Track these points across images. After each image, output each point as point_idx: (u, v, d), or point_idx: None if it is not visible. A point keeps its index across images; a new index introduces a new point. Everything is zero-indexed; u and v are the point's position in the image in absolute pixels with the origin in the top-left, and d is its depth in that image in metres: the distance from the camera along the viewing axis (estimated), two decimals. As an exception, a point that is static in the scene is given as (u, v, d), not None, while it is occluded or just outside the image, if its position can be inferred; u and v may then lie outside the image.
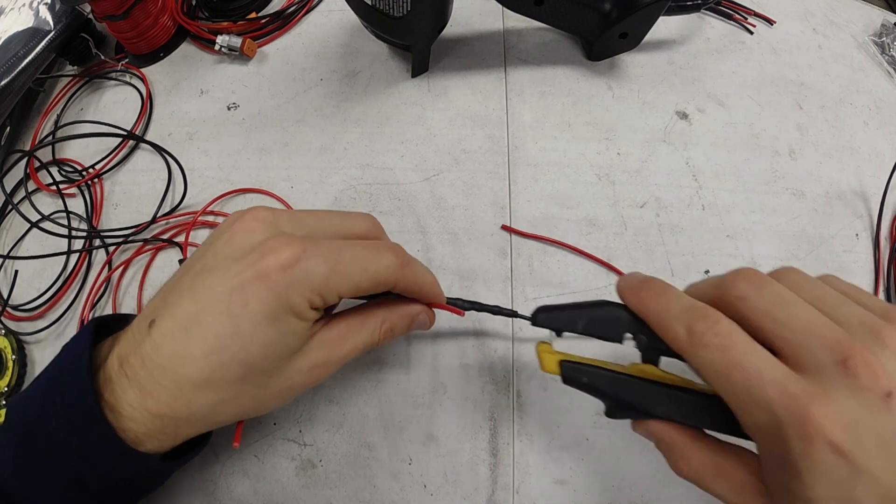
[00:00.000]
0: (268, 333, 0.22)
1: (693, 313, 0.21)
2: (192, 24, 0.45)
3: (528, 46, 0.44)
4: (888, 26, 0.46)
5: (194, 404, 0.22)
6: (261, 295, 0.21)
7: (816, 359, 0.19)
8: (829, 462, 0.18)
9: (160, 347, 0.22)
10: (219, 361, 0.21)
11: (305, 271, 0.22)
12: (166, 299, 0.23)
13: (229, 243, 0.23)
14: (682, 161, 0.39)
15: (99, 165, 0.42)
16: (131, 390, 0.22)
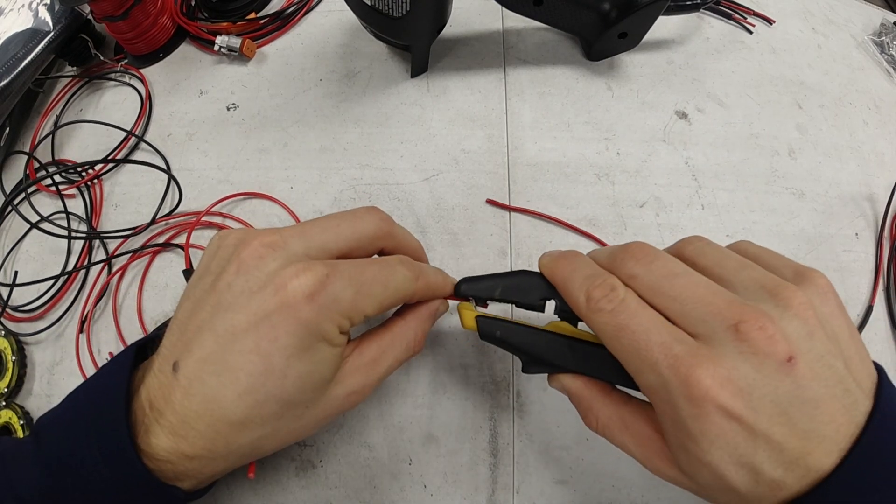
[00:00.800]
0: (301, 366, 0.21)
1: (592, 281, 0.22)
2: (191, 25, 0.45)
3: (528, 46, 0.44)
4: (887, 25, 0.46)
5: (233, 444, 0.21)
6: (289, 327, 0.20)
7: (707, 327, 0.19)
8: (723, 426, 0.18)
9: (191, 394, 0.21)
10: (254, 401, 0.21)
11: (332, 296, 0.21)
12: (185, 338, 0.22)
13: (242, 275, 0.21)
14: (682, 161, 0.39)
15: (98, 166, 0.42)
16: (164, 436, 0.21)
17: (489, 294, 0.26)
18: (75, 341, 0.36)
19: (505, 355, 0.33)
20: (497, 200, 0.37)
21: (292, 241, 0.22)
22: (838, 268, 0.36)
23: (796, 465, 0.18)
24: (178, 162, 0.41)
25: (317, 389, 0.22)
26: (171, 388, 0.21)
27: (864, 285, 0.36)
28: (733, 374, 0.18)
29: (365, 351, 0.24)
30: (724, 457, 0.18)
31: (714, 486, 0.19)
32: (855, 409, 0.18)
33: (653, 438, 0.22)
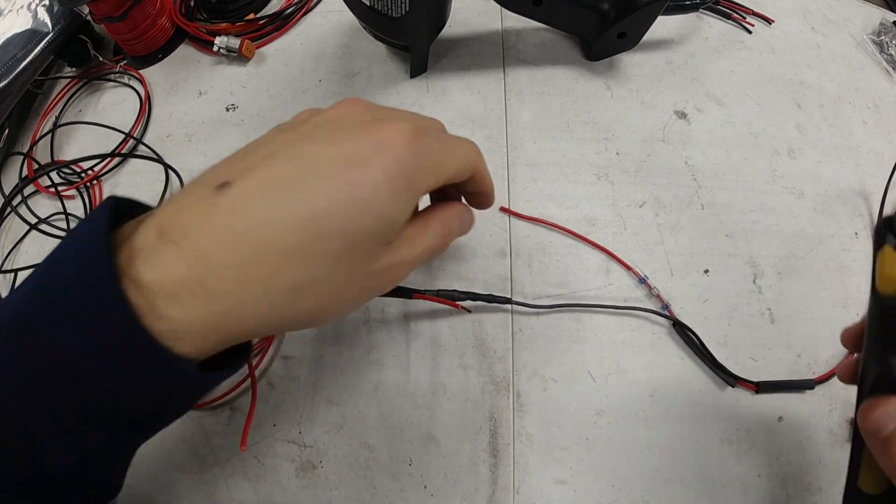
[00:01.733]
0: (385, 207, 0.19)
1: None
2: (190, 26, 0.45)
3: (527, 46, 0.44)
4: (887, 25, 0.46)
5: (272, 284, 0.18)
6: (386, 164, 0.19)
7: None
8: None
9: (240, 210, 0.17)
10: (320, 229, 0.18)
11: (426, 148, 0.20)
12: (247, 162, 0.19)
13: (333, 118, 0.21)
14: (681, 160, 0.39)
15: (98, 167, 0.42)
16: (179, 263, 0.17)
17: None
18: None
19: (505, 356, 0.33)
20: (510, 209, 0.37)
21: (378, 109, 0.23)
22: (838, 267, 0.36)
23: None
24: (178, 163, 0.41)
25: (383, 242, 0.20)
26: (209, 207, 0.18)
27: (864, 285, 0.36)
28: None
29: (405, 227, 0.22)
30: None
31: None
32: None
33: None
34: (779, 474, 0.31)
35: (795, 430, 0.31)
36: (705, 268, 0.36)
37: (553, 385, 0.33)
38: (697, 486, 0.30)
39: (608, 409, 0.32)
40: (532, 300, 0.34)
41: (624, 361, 0.33)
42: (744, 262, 0.36)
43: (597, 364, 0.33)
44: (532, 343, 0.34)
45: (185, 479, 0.31)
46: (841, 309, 0.35)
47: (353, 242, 0.19)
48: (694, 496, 0.30)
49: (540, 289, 0.35)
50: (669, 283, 0.35)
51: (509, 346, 0.34)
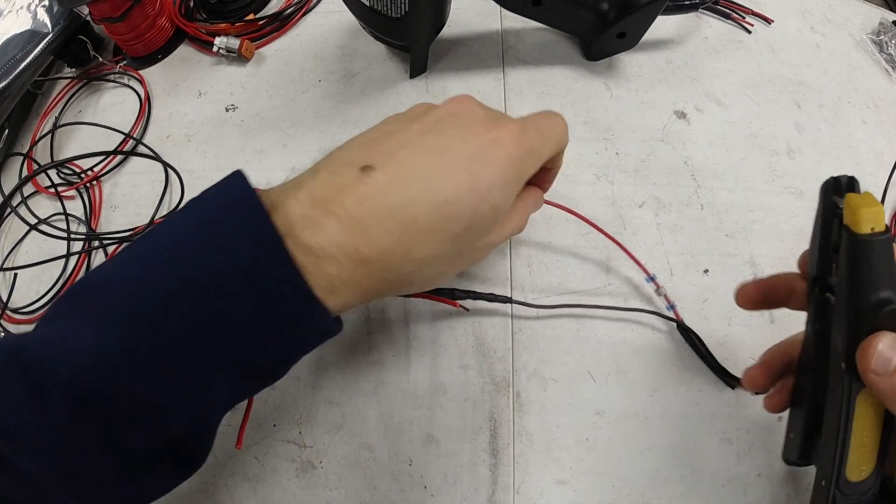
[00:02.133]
0: (499, 198, 0.23)
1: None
2: (189, 26, 0.45)
3: (527, 47, 0.44)
4: (886, 24, 0.46)
5: (411, 253, 0.21)
6: (500, 161, 0.23)
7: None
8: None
9: (390, 191, 0.21)
10: (449, 212, 0.22)
11: (530, 143, 0.24)
12: (383, 148, 0.22)
13: (453, 115, 0.24)
14: (681, 160, 0.39)
15: (98, 168, 0.42)
16: (337, 230, 0.20)
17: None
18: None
19: (505, 356, 0.33)
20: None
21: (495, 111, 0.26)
22: (837, 267, 0.36)
23: None
24: (177, 163, 0.41)
25: (492, 225, 0.24)
26: (359, 185, 0.21)
27: (863, 284, 0.36)
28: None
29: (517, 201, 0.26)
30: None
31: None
32: None
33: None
34: (779, 474, 0.31)
35: (795, 430, 0.31)
36: (705, 267, 0.36)
37: (553, 385, 0.33)
38: (697, 485, 0.30)
39: (608, 409, 0.32)
40: (532, 299, 0.34)
41: (624, 361, 0.33)
42: (743, 261, 0.36)
43: (597, 364, 0.33)
44: (532, 343, 0.34)
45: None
46: (841, 308, 0.35)
47: (471, 226, 0.22)
48: (694, 496, 0.30)
49: (540, 288, 0.35)
50: (669, 283, 0.35)
51: (509, 345, 0.34)
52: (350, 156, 0.22)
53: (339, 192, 0.20)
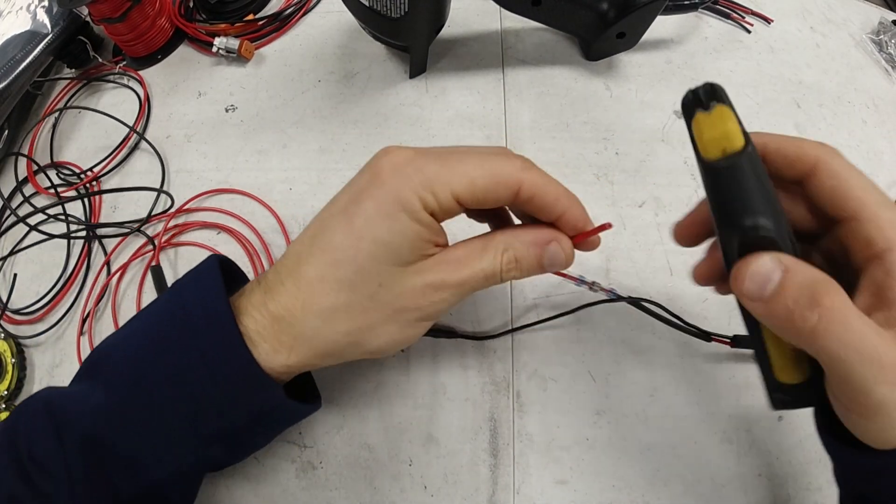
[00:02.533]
0: (378, 230, 0.21)
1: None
2: (189, 27, 0.45)
3: (526, 47, 0.44)
4: (886, 24, 0.46)
5: (307, 307, 0.22)
6: (373, 193, 0.22)
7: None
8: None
9: (290, 254, 0.24)
10: (332, 259, 0.22)
11: (416, 167, 0.22)
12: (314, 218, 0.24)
13: (361, 167, 0.24)
14: (681, 160, 0.39)
15: (97, 168, 0.42)
16: (258, 293, 0.23)
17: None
18: (76, 343, 0.36)
19: (505, 356, 0.33)
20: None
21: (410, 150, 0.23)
22: (837, 267, 0.36)
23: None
24: (177, 163, 0.41)
25: (391, 263, 0.22)
26: (282, 257, 0.24)
27: (863, 284, 0.36)
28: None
29: (452, 252, 0.23)
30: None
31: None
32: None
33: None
34: (779, 473, 0.31)
35: (795, 429, 0.31)
36: (705, 267, 0.36)
37: (553, 385, 0.33)
38: (697, 485, 0.30)
39: (608, 409, 0.32)
40: (531, 298, 0.34)
41: (624, 361, 0.33)
42: (743, 261, 0.36)
43: (597, 364, 0.33)
44: (532, 343, 0.34)
45: (186, 480, 0.31)
46: (841, 308, 0.35)
47: (360, 269, 0.22)
48: (694, 496, 0.30)
49: (539, 289, 0.35)
50: (669, 283, 0.35)
51: (509, 345, 0.34)
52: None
53: (274, 265, 0.24)
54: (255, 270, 0.37)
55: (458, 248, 0.24)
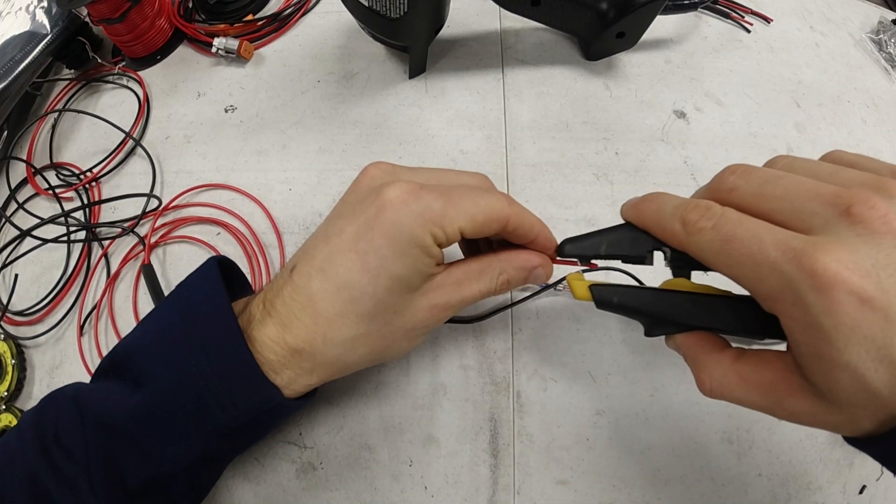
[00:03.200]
0: (394, 267, 0.23)
1: (685, 206, 0.21)
2: (188, 27, 0.45)
3: (526, 47, 0.44)
4: (885, 23, 0.46)
5: (329, 339, 0.24)
6: (385, 229, 0.23)
7: (819, 217, 0.18)
8: (856, 316, 0.16)
9: (300, 288, 0.24)
10: (350, 296, 0.23)
11: (424, 204, 0.23)
12: (305, 248, 0.25)
13: (354, 191, 0.25)
14: (681, 160, 0.39)
15: (96, 168, 0.42)
16: (273, 326, 0.24)
17: (595, 251, 0.25)
18: (77, 344, 0.36)
19: (505, 356, 0.33)
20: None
21: (401, 171, 0.26)
22: (837, 266, 0.36)
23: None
24: (177, 164, 0.41)
25: (405, 293, 0.24)
26: (285, 286, 0.24)
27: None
28: (857, 257, 0.17)
29: (452, 273, 0.25)
30: (862, 353, 0.17)
31: (854, 393, 0.17)
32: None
33: (776, 379, 0.20)
34: (779, 473, 0.31)
35: (795, 429, 0.31)
36: (705, 267, 0.36)
37: (553, 385, 0.33)
38: (698, 485, 0.30)
39: (608, 409, 0.32)
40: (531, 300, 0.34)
41: (624, 361, 0.33)
42: (743, 261, 0.36)
43: (597, 364, 0.33)
44: (532, 343, 0.34)
45: (186, 481, 0.31)
46: (840, 308, 0.35)
47: (379, 301, 0.23)
48: (694, 495, 0.30)
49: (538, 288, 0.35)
50: (669, 283, 0.35)
51: (509, 345, 0.34)
52: (295, 257, 0.26)
53: (276, 294, 0.25)
54: (252, 268, 0.36)
55: (457, 270, 0.26)
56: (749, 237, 0.19)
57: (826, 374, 0.18)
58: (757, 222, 0.19)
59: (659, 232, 0.23)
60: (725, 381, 0.22)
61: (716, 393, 0.22)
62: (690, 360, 0.23)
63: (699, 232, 0.20)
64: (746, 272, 0.19)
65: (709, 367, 0.22)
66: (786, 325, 0.19)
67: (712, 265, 0.21)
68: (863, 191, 0.18)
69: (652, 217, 0.23)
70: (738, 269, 0.19)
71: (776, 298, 0.18)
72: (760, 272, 0.18)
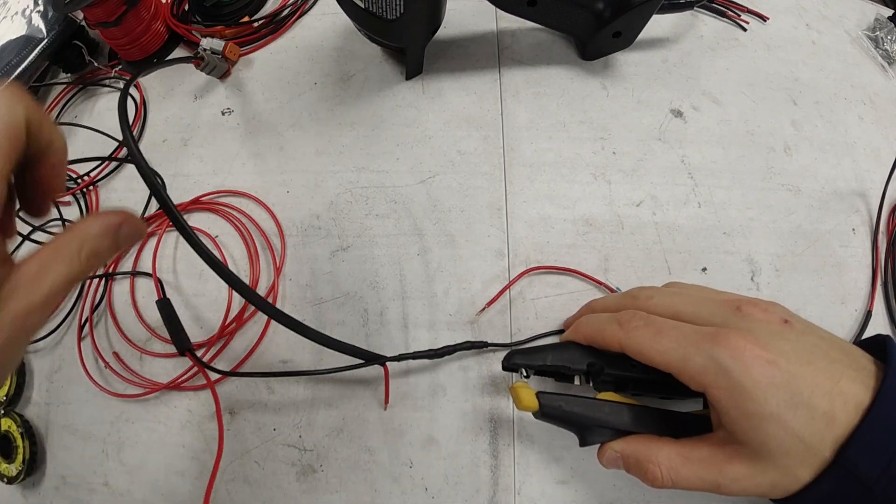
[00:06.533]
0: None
1: (619, 315, 0.27)
2: (180, 27, 0.45)
3: (522, 47, 0.44)
4: (881, 20, 0.46)
5: None
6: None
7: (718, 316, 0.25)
8: (766, 372, 0.21)
9: None
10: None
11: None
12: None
13: None
14: (678, 159, 0.39)
15: (94, 173, 0.42)
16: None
17: (541, 362, 0.28)
18: (76, 348, 0.36)
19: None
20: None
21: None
22: (836, 263, 0.36)
23: (833, 393, 0.21)
24: (174, 167, 0.41)
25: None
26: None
27: (861, 281, 0.36)
28: (754, 336, 0.22)
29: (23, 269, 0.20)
30: (780, 401, 0.21)
31: (782, 440, 0.21)
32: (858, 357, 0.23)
33: (712, 452, 0.24)
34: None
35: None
36: (703, 266, 0.36)
37: (553, 385, 0.33)
38: (698, 484, 0.30)
39: (608, 408, 0.32)
40: (531, 298, 0.34)
41: (623, 361, 0.33)
42: (741, 259, 0.36)
43: (596, 364, 0.33)
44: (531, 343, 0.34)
45: (186, 485, 0.31)
46: (839, 305, 0.35)
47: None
48: (695, 495, 0.30)
49: (538, 289, 0.35)
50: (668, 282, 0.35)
51: (509, 346, 0.34)
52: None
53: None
54: (252, 266, 0.36)
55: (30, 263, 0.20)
56: (674, 329, 0.24)
57: (756, 429, 0.21)
58: (676, 322, 0.25)
59: (600, 338, 0.27)
60: (673, 463, 0.24)
61: (666, 479, 0.24)
62: (633, 461, 0.25)
63: (634, 330, 0.25)
64: (675, 356, 0.24)
65: (655, 455, 0.24)
66: (712, 395, 0.23)
67: (646, 356, 0.25)
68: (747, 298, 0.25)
69: (593, 329, 0.28)
70: (669, 356, 0.24)
71: (702, 373, 0.23)
72: (687, 353, 0.23)
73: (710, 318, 0.25)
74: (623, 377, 0.27)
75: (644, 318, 0.25)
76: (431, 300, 0.35)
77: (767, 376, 0.21)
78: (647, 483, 0.24)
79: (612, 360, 0.27)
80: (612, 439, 0.26)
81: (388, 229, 0.37)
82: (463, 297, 0.35)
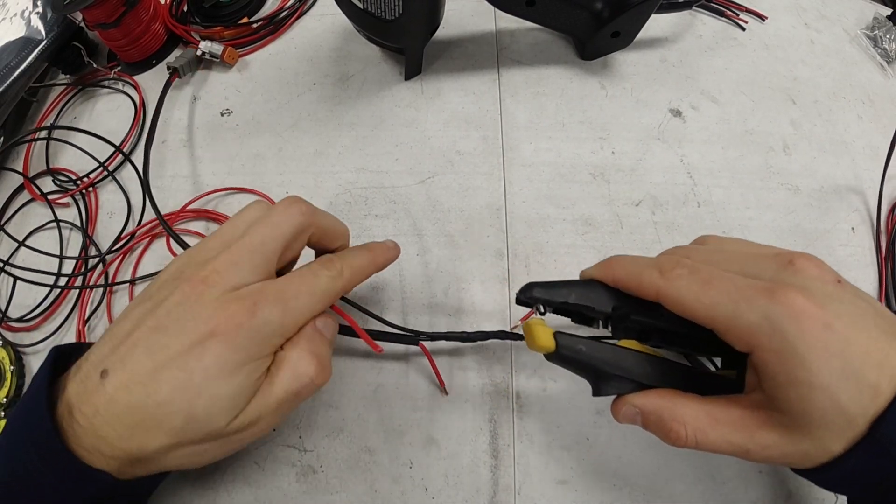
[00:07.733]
0: (217, 387, 0.22)
1: (660, 259, 0.24)
2: (178, 27, 0.45)
3: (521, 47, 0.44)
4: (880, 19, 0.46)
5: (148, 447, 0.22)
6: (216, 349, 0.22)
7: (770, 270, 0.22)
8: (822, 338, 0.19)
9: (117, 401, 0.22)
10: (168, 411, 0.22)
11: (262, 320, 0.23)
12: (119, 351, 0.23)
13: (180, 305, 0.23)
14: (677, 158, 0.39)
15: (93, 174, 0.42)
16: (83, 434, 0.22)
17: (563, 299, 0.25)
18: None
19: (504, 356, 0.33)
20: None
21: (226, 274, 0.23)
22: (835, 263, 0.36)
23: (883, 365, 0.19)
24: (173, 168, 0.41)
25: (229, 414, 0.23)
26: (96, 393, 0.22)
27: (861, 279, 0.36)
28: (811, 293, 0.20)
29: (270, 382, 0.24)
30: (834, 372, 0.19)
31: (826, 412, 0.19)
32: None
33: (744, 415, 0.22)
34: (780, 471, 0.31)
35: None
36: (703, 265, 0.36)
37: (553, 385, 0.33)
38: (698, 483, 0.30)
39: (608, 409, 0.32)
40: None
41: (623, 360, 0.33)
42: (741, 258, 0.36)
43: (596, 363, 0.33)
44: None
45: (186, 485, 0.31)
46: (838, 304, 0.35)
47: (192, 418, 0.22)
48: (695, 494, 0.30)
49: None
50: (667, 282, 0.35)
51: (508, 346, 0.34)
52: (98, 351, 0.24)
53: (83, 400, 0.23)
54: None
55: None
56: (724, 279, 0.21)
57: (802, 398, 0.20)
58: (726, 272, 0.22)
59: (634, 282, 0.24)
60: (700, 423, 0.22)
61: (691, 439, 0.22)
62: (655, 418, 0.23)
63: (678, 277, 0.22)
64: (724, 311, 0.21)
65: (680, 413, 0.22)
66: (760, 357, 0.20)
67: (688, 308, 0.22)
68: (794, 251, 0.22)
69: (626, 270, 0.24)
70: (717, 309, 0.21)
71: (754, 332, 0.20)
72: (738, 309, 0.20)
73: (759, 273, 0.22)
74: (649, 325, 0.24)
75: (689, 265, 0.22)
76: (431, 300, 0.35)
77: (822, 341, 0.19)
78: (667, 442, 0.23)
79: (639, 305, 0.24)
80: (629, 392, 0.24)
81: (388, 230, 0.37)
82: (463, 297, 0.35)
